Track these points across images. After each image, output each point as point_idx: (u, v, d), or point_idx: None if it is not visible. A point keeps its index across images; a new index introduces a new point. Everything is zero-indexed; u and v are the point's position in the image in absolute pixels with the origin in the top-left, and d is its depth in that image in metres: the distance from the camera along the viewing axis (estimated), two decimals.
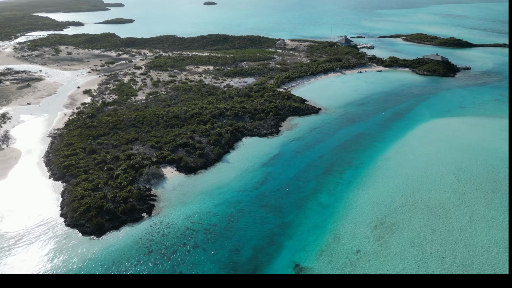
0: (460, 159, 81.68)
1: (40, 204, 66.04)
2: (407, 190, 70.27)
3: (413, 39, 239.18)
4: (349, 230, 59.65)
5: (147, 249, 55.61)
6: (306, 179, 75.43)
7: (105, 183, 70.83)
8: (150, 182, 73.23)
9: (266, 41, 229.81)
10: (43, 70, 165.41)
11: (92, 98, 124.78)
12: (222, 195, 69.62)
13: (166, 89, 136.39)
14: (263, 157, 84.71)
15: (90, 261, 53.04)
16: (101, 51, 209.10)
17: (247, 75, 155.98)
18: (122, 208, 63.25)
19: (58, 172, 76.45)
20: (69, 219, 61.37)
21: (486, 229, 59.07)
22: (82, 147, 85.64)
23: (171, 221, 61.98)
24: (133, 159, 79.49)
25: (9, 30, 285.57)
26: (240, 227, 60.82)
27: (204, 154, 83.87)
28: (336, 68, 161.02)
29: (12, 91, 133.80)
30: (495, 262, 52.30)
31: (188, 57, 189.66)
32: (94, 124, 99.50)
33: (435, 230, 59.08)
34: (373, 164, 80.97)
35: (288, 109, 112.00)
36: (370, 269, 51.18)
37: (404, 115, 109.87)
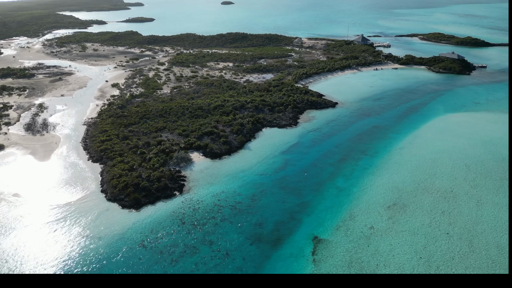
0: (471, 151, 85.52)
1: (82, 182, 73.17)
2: (419, 177, 74.77)
3: (430, 38, 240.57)
4: (364, 209, 64.72)
5: (180, 221, 61.94)
6: (323, 165, 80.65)
7: (139, 164, 77.65)
8: (179, 165, 79.70)
9: (283, 39, 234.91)
10: (72, 65, 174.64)
11: (120, 91, 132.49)
12: (246, 177, 75.51)
13: (189, 83, 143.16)
14: (283, 145, 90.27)
15: (130, 229, 59.70)
16: (125, 48, 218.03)
17: (265, 71, 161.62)
18: (156, 186, 69.82)
19: (96, 155, 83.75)
20: (109, 195, 68.28)
21: (493, 212, 63.29)
22: (116, 133, 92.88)
23: (200, 198, 68.18)
24: (163, 144, 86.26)
25: (36, 28, 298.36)
26: (262, 205, 66.55)
27: (228, 141, 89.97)
28: (352, 65, 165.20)
29: (46, 84, 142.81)
30: (499, 238, 56.68)
31: (208, 54, 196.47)
32: (124, 114, 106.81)
33: (444, 212, 63.63)
34: (387, 153, 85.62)
35: (305, 103, 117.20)
36: (383, 242, 56.25)
37: (419, 110, 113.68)
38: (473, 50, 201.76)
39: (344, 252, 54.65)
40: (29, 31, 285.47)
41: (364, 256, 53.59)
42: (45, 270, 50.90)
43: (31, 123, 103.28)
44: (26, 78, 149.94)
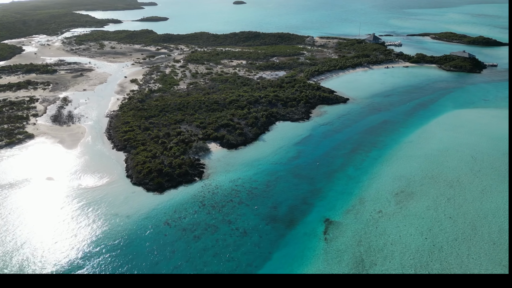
0: (478, 144, 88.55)
1: (109, 168, 78.52)
2: (426, 167, 78.29)
3: (441, 38, 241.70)
4: (373, 195, 68.63)
5: (200, 203, 66.70)
6: (334, 156, 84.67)
7: (161, 153, 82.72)
8: (198, 154, 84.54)
9: (295, 38, 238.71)
10: (92, 62, 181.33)
11: (139, 86, 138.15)
12: (261, 166, 79.99)
13: (204, 80, 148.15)
14: (296, 137, 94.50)
15: (155, 209, 64.69)
16: (141, 46, 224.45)
17: (278, 69, 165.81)
18: (177, 172, 74.75)
19: (120, 144, 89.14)
20: (134, 179, 73.43)
21: (497, 199, 66.59)
22: (137, 125, 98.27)
23: (219, 183, 72.87)
24: (182, 135, 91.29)
25: (55, 26, 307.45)
26: (277, 190, 70.91)
27: (243, 133, 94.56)
28: (363, 63, 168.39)
29: (68, 79, 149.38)
30: (501, 222, 60.07)
31: (222, 52, 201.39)
32: (144, 107, 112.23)
33: (450, 198, 67.15)
34: (396, 145, 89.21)
35: (317, 98, 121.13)
36: (390, 225, 60.14)
37: (428, 106, 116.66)
38: (485, 50, 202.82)
39: (353, 232, 58.70)
40: (48, 29, 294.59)
41: (373, 236, 57.59)
42: (83, 244, 56.10)
43: (57, 115, 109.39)
44: (49, 74, 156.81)
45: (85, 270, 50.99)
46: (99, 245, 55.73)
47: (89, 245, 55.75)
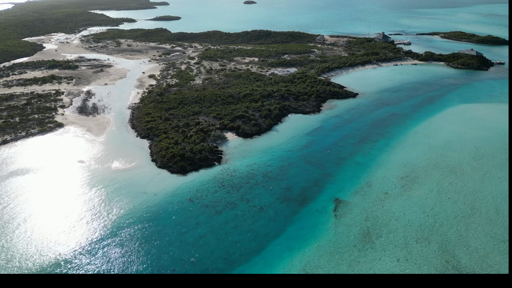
0: (482, 135, 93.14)
1: (135, 153, 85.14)
2: (431, 155, 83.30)
3: (450, 37, 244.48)
4: (379, 179, 73.97)
5: (220, 183, 72.79)
6: (344, 145, 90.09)
7: (182, 140, 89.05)
8: (216, 142, 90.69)
9: (306, 37, 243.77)
10: (110, 58, 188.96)
11: (157, 81, 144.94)
12: (274, 153, 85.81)
13: (218, 75, 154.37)
14: (307, 128, 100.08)
15: (179, 189, 70.94)
16: (156, 44, 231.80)
17: (289, 66, 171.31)
18: (198, 157, 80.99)
19: (143, 132, 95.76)
20: (159, 163, 79.88)
21: (495, 183, 71.45)
22: (158, 115, 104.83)
23: (236, 167, 78.89)
24: (201, 125, 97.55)
25: (72, 25, 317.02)
26: (290, 174, 76.65)
27: (257, 124, 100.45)
28: (373, 60, 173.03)
29: (89, 74, 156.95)
30: (498, 204, 65.00)
31: (235, 50, 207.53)
32: (164, 100, 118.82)
33: (451, 182, 72.19)
34: (403, 136, 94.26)
35: (328, 93, 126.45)
36: (395, 204, 65.49)
37: (435, 101, 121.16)
38: (493, 48, 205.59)
39: (361, 210, 64.19)
40: (65, 27, 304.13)
41: (379, 213, 63.04)
42: (118, 216, 62.59)
43: (82, 106, 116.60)
44: (71, 69, 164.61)
45: (120, 238, 57.40)
46: (132, 217, 62.15)
47: (123, 217, 62.19)
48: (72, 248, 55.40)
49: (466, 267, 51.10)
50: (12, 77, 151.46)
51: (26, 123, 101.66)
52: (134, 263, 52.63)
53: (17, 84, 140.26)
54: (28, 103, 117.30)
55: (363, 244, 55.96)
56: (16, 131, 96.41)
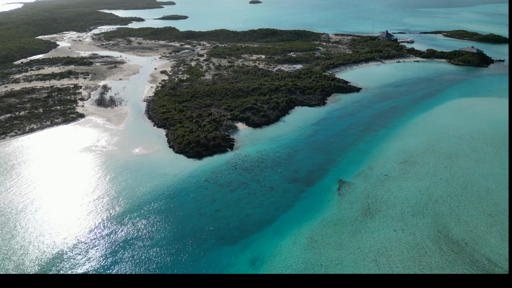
0: (478, 126, 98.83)
1: (153, 140, 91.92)
2: (429, 143, 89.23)
3: (453, 35, 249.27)
4: (380, 164, 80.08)
5: (233, 166, 79.29)
6: (347, 134, 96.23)
7: (196, 129, 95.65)
8: (228, 131, 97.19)
9: (311, 35, 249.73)
10: (122, 55, 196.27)
11: (169, 77, 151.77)
12: (282, 140, 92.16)
13: (227, 71, 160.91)
14: (313, 119, 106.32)
15: (196, 170, 77.55)
16: (166, 42, 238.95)
17: (295, 62, 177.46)
18: (212, 143, 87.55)
19: (159, 122, 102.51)
20: (176, 148, 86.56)
21: (488, 167, 77.29)
22: (173, 107, 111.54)
23: (247, 153, 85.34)
24: (213, 115, 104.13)
25: (83, 24, 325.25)
26: (297, 159, 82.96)
27: (266, 115, 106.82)
28: (376, 57, 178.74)
29: (104, 70, 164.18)
30: (489, 184, 70.90)
31: (242, 48, 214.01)
32: (177, 93, 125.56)
33: (447, 166, 78.15)
34: (403, 126, 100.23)
35: (332, 87, 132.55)
36: (394, 184, 71.61)
37: (435, 95, 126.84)
38: (495, 46, 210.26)
39: (362, 189, 70.41)
40: (76, 26, 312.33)
41: (378, 192, 69.23)
42: (143, 193, 69.30)
43: (100, 99, 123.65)
44: (86, 65, 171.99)
45: (146, 211, 64.01)
46: (155, 194, 68.83)
47: (147, 194, 68.89)
48: (105, 218, 62.15)
49: (456, 236, 57.18)
50: (30, 72, 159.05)
51: (50, 113, 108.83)
52: (159, 231, 59.25)
53: (36, 79, 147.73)
54: (49, 96, 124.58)
55: (364, 217, 62.19)
56: (41, 120, 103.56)
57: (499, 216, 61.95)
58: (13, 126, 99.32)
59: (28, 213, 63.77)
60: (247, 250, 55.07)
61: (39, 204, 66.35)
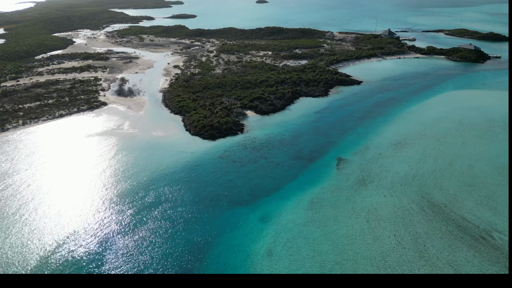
0: (468, 114, 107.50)
1: (170, 125, 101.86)
2: (420, 128, 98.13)
3: (454, 34, 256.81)
4: (375, 145, 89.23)
5: (243, 146, 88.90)
6: (347, 120, 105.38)
7: (210, 115, 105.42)
8: (238, 117, 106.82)
9: (316, 33, 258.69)
10: (136, 51, 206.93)
11: (182, 71, 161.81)
12: (288, 125, 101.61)
13: (236, 66, 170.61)
14: (316, 108, 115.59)
15: (210, 149, 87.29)
16: (176, 39, 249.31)
17: (300, 58, 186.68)
18: (224, 127, 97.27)
19: (176, 110, 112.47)
20: (192, 131, 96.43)
21: (472, 148, 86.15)
22: (187, 97, 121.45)
23: (256, 136, 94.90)
24: (224, 104, 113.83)
25: (96, 22, 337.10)
26: (301, 141, 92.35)
27: (273, 104, 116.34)
28: (378, 54, 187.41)
29: (120, 64, 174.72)
30: (471, 162, 79.80)
31: (250, 45, 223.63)
32: (190, 85, 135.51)
33: (435, 147, 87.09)
34: (398, 114, 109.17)
35: (335, 81, 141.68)
36: (387, 161, 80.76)
37: (431, 87, 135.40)
38: (493, 44, 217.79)
39: (358, 165, 79.65)
40: (90, 24, 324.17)
41: (372, 167, 78.45)
42: (166, 166, 79.19)
43: (119, 90, 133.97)
44: (103, 60, 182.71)
45: (168, 180, 73.77)
46: (177, 167, 78.69)
47: (169, 167, 78.73)
48: (135, 185, 72.09)
49: (437, 201, 66.26)
50: (52, 66, 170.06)
51: (75, 102, 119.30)
52: (182, 195, 68.99)
53: (58, 72, 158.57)
54: (72, 87, 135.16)
55: (358, 186, 71.49)
56: (68, 107, 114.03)
57: (477, 186, 70.90)
58: (44, 112, 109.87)
59: (80, 177, 74.05)
60: (257, 210, 64.64)
61: (85, 173, 76.56)
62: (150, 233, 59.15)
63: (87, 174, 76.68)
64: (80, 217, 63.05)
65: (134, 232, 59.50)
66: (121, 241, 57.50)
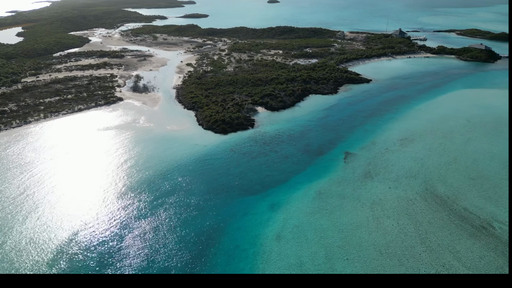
0: (475, 112, 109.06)
1: (184, 119, 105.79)
2: (427, 125, 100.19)
3: (466, 34, 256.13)
4: (382, 140, 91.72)
5: (254, 140, 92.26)
6: (355, 117, 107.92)
7: (221, 111, 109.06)
8: (249, 113, 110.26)
9: (327, 33, 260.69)
10: (150, 50, 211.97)
11: (194, 68, 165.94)
12: (297, 121, 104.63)
13: (247, 64, 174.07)
14: (325, 105, 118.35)
15: (222, 142, 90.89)
16: (189, 38, 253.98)
17: (311, 57, 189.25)
18: (235, 122, 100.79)
19: (189, 105, 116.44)
20: (205, 126, 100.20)
21: (478, 145, 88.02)
22: (200, 93, 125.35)
23: (266, 130, 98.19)
24: (235, 100, 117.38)
25: (111, 21, 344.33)
26: (309, 136, 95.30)
27: (283, 100, 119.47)
28: (388, 53, 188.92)
29: (135, 62, 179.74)
30: (476, 156, 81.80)
31: (261, 44, 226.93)
32: (202, 82, 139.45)
33: (441, 143, 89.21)
34: (406, 111, 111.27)
35: (345, 79, 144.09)
36: (393, 155, 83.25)
37: (440, 86, 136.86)
38: (505, 44, 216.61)
39: (365, 158, 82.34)
40: (105, 23, 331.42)
41: (379, 161, 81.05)
42: (180, 157, 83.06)
43: (135, 86, 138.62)
44: (118, 58, 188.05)
45: (182, 170, 77.54)
46: (190, 158, 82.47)
47: (184, 158, 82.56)
48: (152, 174, 76.06)
49: (441, 193, 68.65)
50: (70, 63, 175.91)
51: (93, 97, 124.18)
52: (196, 184, 72.65)
53: (76, 69, 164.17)
54: (90, 83, 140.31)
55: (364, 178, 74.26)
56: (87, 102, 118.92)
57: (481, 180, 73.04)
58: (64, 106, 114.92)
59: (97, 165, 78.48)
60: (267, 198, 67.95)
61: (107, 163, 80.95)
62: (167, 217, 62.93)
63: (108, 164, 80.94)
64: (103, 202, 67.19)
65: (153, 216, 63.35)
66: (141, 223, 61.40)
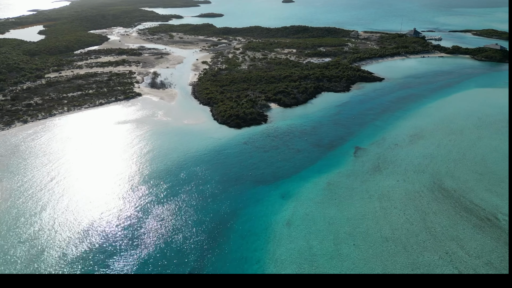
0: (487, 110, 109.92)
1: (199, 114, 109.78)
2: (439, 122, 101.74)
3: (482, 34, 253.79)
4: (392, 136, 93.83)
5: (266, 135, 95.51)
6: (367, 114, 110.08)
7: (236, 106, 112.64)
8: (262, 109, 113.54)
9: (341, 32, 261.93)
10: (166, 48, 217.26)
11: (209, 66, 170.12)
12: (309, 117, 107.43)
13: (261, 62, 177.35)
14: (337, 102, 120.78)
15: (236, 136, 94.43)
16: (204, 37, 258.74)
17: (324, 56, 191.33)
18: (249, 117, 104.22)
19: (204, 101, 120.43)
20: (219, 120, 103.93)
21: (487, 142, 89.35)
22: (215, 90, 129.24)
23: (278, 126, 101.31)
24: (249, 96, 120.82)
25: (128, 20, 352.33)
26: (321, 131, 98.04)
27: (295, 97, 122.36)
28: (401, 52, 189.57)
29: (152, 59, 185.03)
30: (485, 154, 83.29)
31: (275, 43, 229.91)
32: (217, 79, 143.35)
33: (451, 140, 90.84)
34: (417, 109, 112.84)
35: (357, 77, 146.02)
36: (402, 150, 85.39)
37: (453, 85, 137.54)
38: None
39: (374, 153, 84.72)
40: (123, 22, 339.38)
41: (388, 155, 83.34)
42: (196, 149, 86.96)
43: (152, 82, 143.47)
44: (136, 56, 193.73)
45: (198, 161, 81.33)
46: (205, 150, 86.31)
47: (199, 150, 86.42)
48: (169, 164, 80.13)
49: (448, 186, 70.66)
50: (90, 60, 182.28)
51: (113, 92, 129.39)
52: (210, 174, 76.35)
53: (96, 66, 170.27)
54: (110, 79, 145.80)
55: (373, 171, 76.74)
56: (107, 97, 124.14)
57: (488, 175, 74.71)
58: (86, 101, 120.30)
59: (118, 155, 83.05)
60: (278, 188, 71.17)
61: (128, 153, 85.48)
62: (184, 203, 66.79)
63: (130, 154, 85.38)
64: (125, 188, 71.52)
65: (172, 201, 67.31)
66: (161, 207, 65.40)
